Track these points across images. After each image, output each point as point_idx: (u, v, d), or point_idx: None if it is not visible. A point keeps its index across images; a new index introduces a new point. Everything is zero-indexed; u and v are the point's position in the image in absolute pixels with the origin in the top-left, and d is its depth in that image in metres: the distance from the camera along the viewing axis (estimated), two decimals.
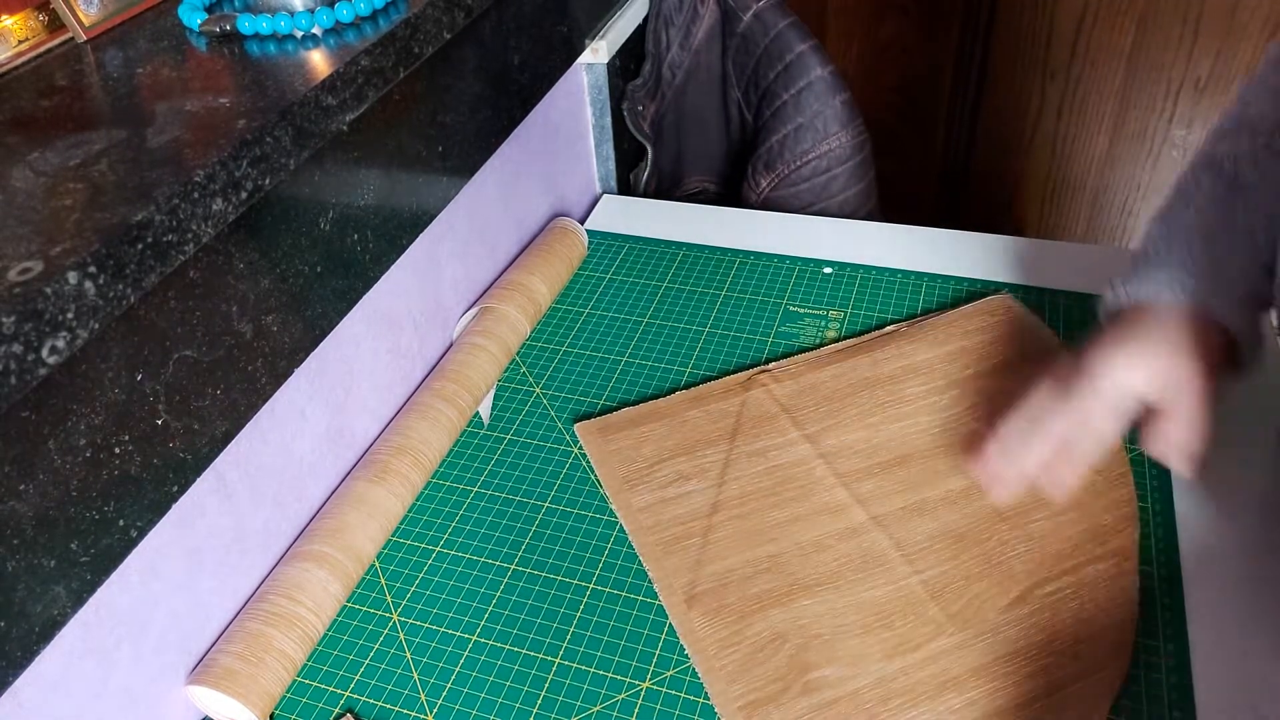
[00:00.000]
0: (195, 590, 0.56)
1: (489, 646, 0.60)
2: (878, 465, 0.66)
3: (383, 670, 0.59)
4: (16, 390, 0.37)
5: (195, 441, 0.52)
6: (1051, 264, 0.84)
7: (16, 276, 0.38)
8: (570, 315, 0.85)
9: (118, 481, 0.47)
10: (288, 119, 0.50)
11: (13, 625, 0.42)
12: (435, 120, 0.71)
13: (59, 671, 0.47)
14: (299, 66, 0.55)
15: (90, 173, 0.45)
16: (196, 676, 0.56)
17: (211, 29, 0.59)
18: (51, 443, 0.43)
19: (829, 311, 0.82)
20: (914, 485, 0.65)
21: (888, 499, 0.64)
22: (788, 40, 1.05)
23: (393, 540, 0.67)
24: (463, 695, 0.57)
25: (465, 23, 0.66)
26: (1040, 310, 0.79)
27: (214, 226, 0.46)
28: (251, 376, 0.55)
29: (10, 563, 0.42)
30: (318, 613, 0.59)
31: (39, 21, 0.57)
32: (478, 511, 0.68)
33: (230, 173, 0.47)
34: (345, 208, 0.61)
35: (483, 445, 0.73)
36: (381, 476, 0.66)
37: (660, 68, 1.06)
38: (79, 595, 0.46)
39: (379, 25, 0.59)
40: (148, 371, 0.48)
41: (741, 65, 1.09)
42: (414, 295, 0.75)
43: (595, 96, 1.00)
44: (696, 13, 1.06)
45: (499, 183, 0.85)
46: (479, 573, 0.64)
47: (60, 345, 0.39)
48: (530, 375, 0.79)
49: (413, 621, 0.62)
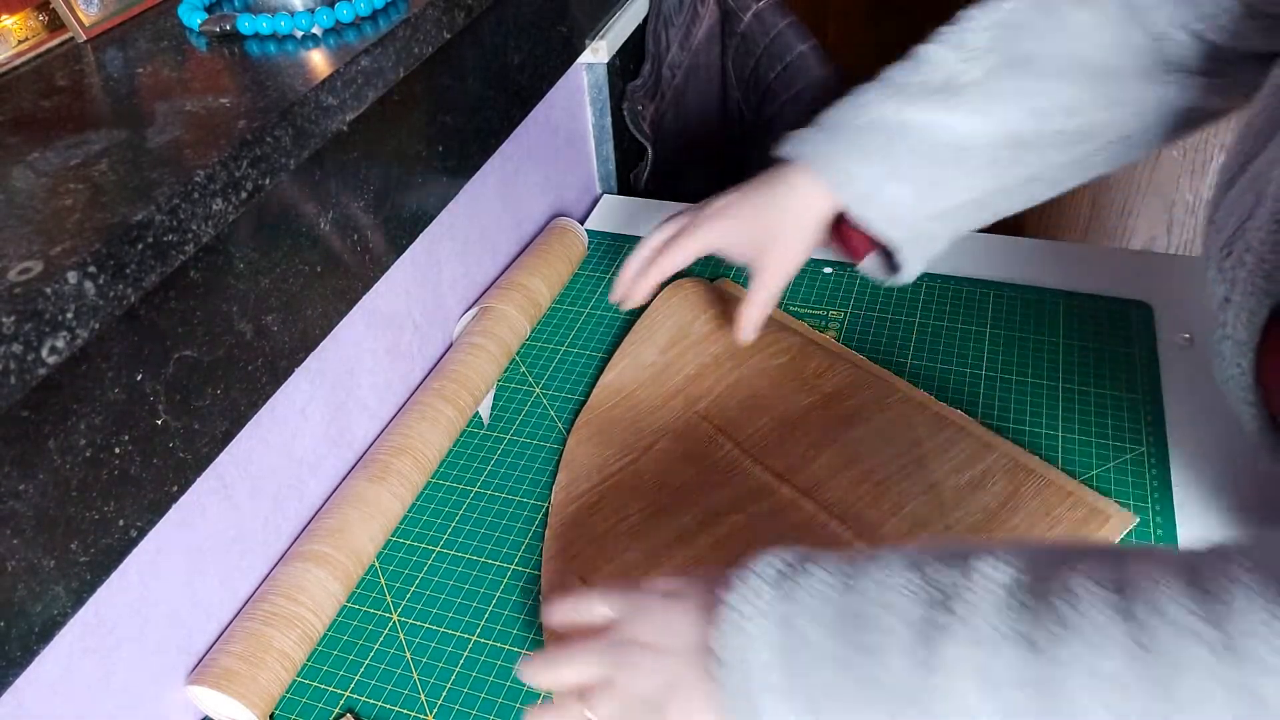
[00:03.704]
0: (195, 590, 0.56)
1: (489, 646, 0.60)
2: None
3: (383, 670, 0.59)
4: (16, 390, 0.37)
5: (195, 441, 0.51)
6: (1051, 264, 0.84)
7: (16, 276, 0.38)
8: (570, 315, 0.85)
9: (118, 481, 0.47)
10: (288, 119, 0.50)
11: (13, 625, 0.42)
12: (435, 120, 0.71)
13: (59, 671, 0.47)
14: (299, 66, 0.55)
15: (90, 173, 0.45)
16: (196, 676, 0.56)
17: (211, 29, 0.59)
18: (51, 443, 0.43)
19: (829, 312, 0.82)
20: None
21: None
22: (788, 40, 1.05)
23: (393, 540, 0.67)
24: (463, 695, 0.57)
25: (465, 23, 0.66)
26: (1040, 310, 0.79)
27: (214, 226, 0.46)
28: (251, 376, 0.55)
29: (10, 563, 0.42)
30: (318, 613, 0.59)
31: (39, 21, 0.57)
32: (478, 511, 0.68)
33: (230, 173, 0.47)
34: (345, 208, 0.61)
35: (483, 445, 0.73)
36: (381, 476, 0.66)
37: (660, 68, 1.06)
38: (79, 595, 0.46)
39: (379, 25, 0.59)
40: (148, 371, 0.48)
41: (741, 65, 1.09)
42: (414, 295, 0.75)
43: (595, 96, 1.00)
44: (696, 13, 1.06)
45: (499, 183, 0.85)
46: (479, 573, 0.64)
47: (60, 345, 0.39)
48: (530, 375, 0.79)
49: (413, 621, 0.62)
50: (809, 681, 0.38)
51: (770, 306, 0.70)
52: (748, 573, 0.42)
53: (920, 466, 0.66)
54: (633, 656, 0.44)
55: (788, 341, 0.77)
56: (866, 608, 0.38)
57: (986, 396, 0.72)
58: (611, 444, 0.71)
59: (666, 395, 0.74)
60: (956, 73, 0.64)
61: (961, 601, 0.37)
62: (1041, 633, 0.35)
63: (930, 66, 0.65)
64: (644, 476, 0.68)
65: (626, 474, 0.68)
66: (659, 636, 0.43)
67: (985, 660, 0.35)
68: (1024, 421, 0.70)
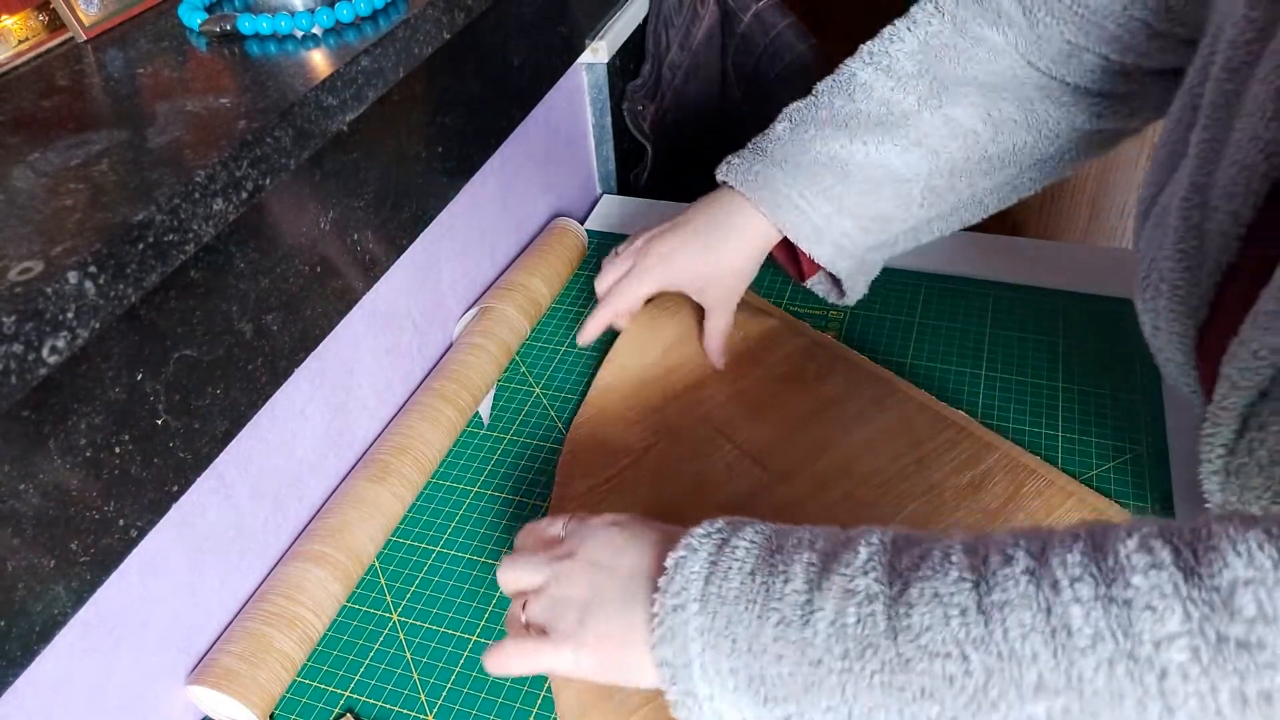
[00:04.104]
0: (195, 590, 0.56)
1: None
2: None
3: (383, 670, 0.59)
4: (16, 390, 0.37)
5: (195, 441, 0.52)
6: (1052, 264, 0.84)
7: (17, 276, 0.38)
8: (570, 315, 0.85)
9: (118, 481, 0.47)
10: (288, 119, 0.50)
11: (13, 625, 0.42)
12: (435, 120, 0.71)
13: (59, 671, 0.47)
14: (299, 66, 0.55)
15: (91, 173, 0.45)
16: (196, 676, 0.56)
17: (211, 29, 0.59)
18: (52, 443, 0.43)
19: (829, 312, 0.82)
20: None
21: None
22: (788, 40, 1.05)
23: (393, 540, 0.67)
24: (463, 695, 0.57)
25: (465, 23, 0.66)
26: (1040, 310, 0.79)
27: (214, 226, 0.46)
28: (251, 376, 0.55)
29: (10, 563, 0.42)
30: (318, 613, 0.59)
31: (39, 21, 0.57)
32: (478, 511, 0.68)
33: (231, 173, 0.47)
34: (345, 208, 0.61)
35: (483, 445, 0.73)
36: (382, 476, 0.66)
37: (660, 68, 1.06)
38: (79, 595, 0.46)
39: (379, 25, 0.59)
40: (148, 371, 0.48)
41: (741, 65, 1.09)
42: (414, 295, 0.75)
43: (595, 96, 1.00)
44: (696, 13, 1.06)
45: (499, 183, 0.85)
46: (479, 573, 0.64)
47: (60, 345, 0.39)
48: (530, 375, 0.79)
49: (413, 621, 0.62)
50: (722, 613, 0.42)
51: (726, 333, 0.74)
52: (695, 532, 0.46)
53: (921, 467, 0.66)
54: (570, 567, 0.48)
55: (788, 342, 0.77)
56: (778, 560, 0.43)
57: (986, 396, 0.72)
58: (612, 444, 0.71)
59: (667, 396, 0.74)
60: (891, 102, 0.67)
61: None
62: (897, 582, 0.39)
63: (864, 94, 0.67)
64: (644, 476, 0.68)
65: (627, 474, 0.68)
66: (599, 555, 0.48)
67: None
68: (1024, 421, 0.70)
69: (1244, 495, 0.45)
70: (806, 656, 0.39)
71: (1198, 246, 0.49)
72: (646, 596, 0.45)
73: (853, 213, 0.67)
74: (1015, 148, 0.67)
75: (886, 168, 0.66)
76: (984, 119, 0.66)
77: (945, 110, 0.66)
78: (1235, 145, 0.46)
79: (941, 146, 0.66)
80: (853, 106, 0.67)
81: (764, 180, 0.67)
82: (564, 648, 0.46)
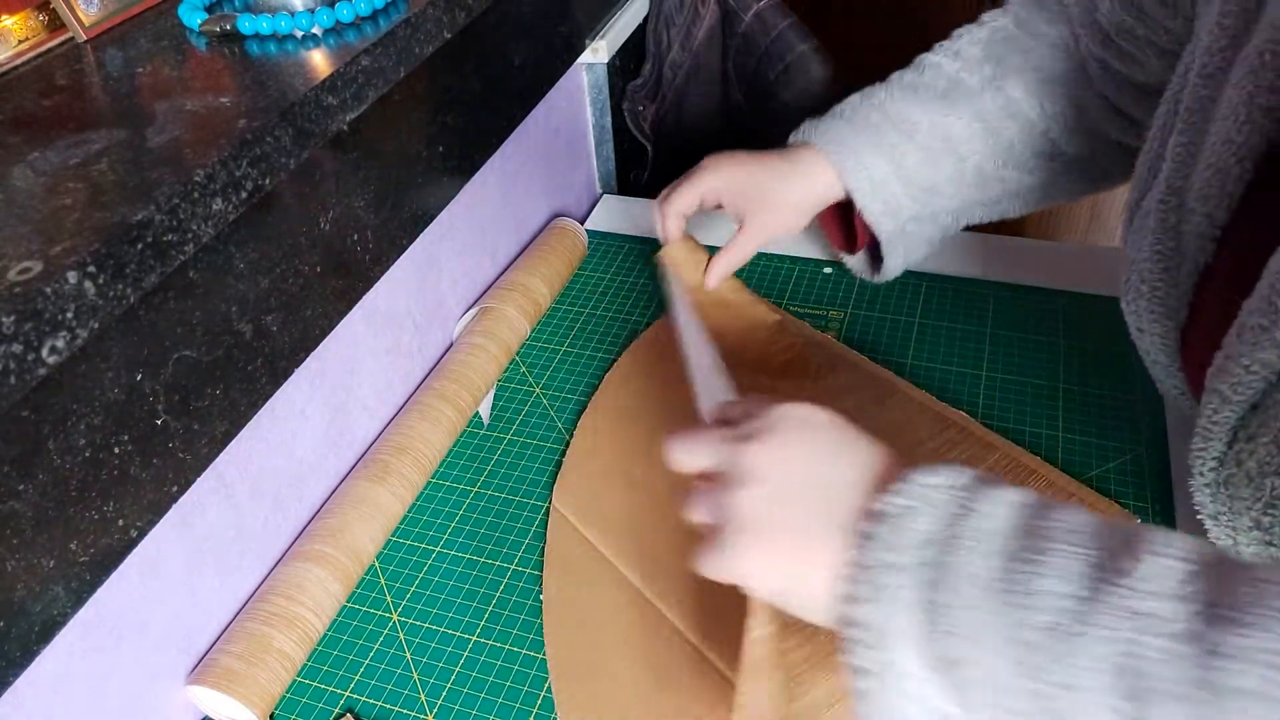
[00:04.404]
0: (195, 590, 0.56)
1: (489, 646, 0.60)
2: None
3: (383, 670, 0.59)
4: (16, 390, 0.37)
5: (195, 441, 0.51)
6: (1051, 264, 0.84)
7: (16, 276, 0.38)
8: (570, 315, 0.85)
9: (118, 481, 0.47)
10: (288, 119, 0.50)
11: (13, 625, 0.42)
12: (435, 120, 0.71)
13: (59, 671, 0.47)
14: (299, 66, 0.55)
15: (90, 172, 0.45)
16: (196, 676, 0.56)
17: (211, 29, 0.59)
18: (51, 443, 0.43)
19: (829, 312, 0.82)
20: None
21: None
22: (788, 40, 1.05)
23: (393, 540, 0.67)
24: (463, 695, 0.57)
25: (465, 22, 0.66)
26: (1040, 310, 0.79)
27: (214, 226, 0.46)
28: (251, 377, 0.55)
29: (10, 563, 0.42)
30: (318, 613, 0.59)
31: (39, 21, 0.57)
32: (478, 511, 0.68)
33: (230, 172, 0.47)
34: (345, 208, 0.61)
35: (483, 445, 0.73)
36: (382, 476, 0.66)
37: (661, 68, 1.06)
38: (79, 595, 0.46)
39: (379, 25, 0.59)
40: (147, 371, 0.48)
41: (742, 65, 1.09)
42: (414, 295, 0.75)
43: (595, 96, 1.00)
44: (697, 13, 1.06)
45: (499, 183, 0.85)
46: (479, 573, 0.64)
47: (60, 345, 0.39)
48: (530, 375, 0.79)
49: (413, 621, 0.62)
50: (955, 593, 0.34)
51: (742, 262, 0.75)
52: (931, 480, 0.37)
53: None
54: (757, 452, 0.40)
55: (788, 341, 0.76)
56: (1037, 542, 0.34)
57: (986, 396, 0.72)
58: (612, 444, 0.71)
59: (667, 396, 0.74)
60: (958, 79, 0.72)
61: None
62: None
63: (933, 71, 0.73)
64: (644, 476, 0.68)
65: (627, 474, 0.68)
66: (797, 450, 0.40)
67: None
68: (1024, 421, 0.70)
69: (1234, 505, 0.45)
70: (1057, 678, 0.32)
71: (1175, 248, 0.49)
72: (851, 527, 0.37)
73: (907, 178, 0.71)
74: (1062, 145, 0.71)
75: (948, 139, 0.71)
76: (1039, 109, 0.71)
77: (1006, 91, 0.71)
78: (1210, 149, 0.47)
79: (1001, 126, 0.71)
80: (922, 80, 0.73)
81: (833, 133, 0.72)
82: (734, 547, 0.39)
